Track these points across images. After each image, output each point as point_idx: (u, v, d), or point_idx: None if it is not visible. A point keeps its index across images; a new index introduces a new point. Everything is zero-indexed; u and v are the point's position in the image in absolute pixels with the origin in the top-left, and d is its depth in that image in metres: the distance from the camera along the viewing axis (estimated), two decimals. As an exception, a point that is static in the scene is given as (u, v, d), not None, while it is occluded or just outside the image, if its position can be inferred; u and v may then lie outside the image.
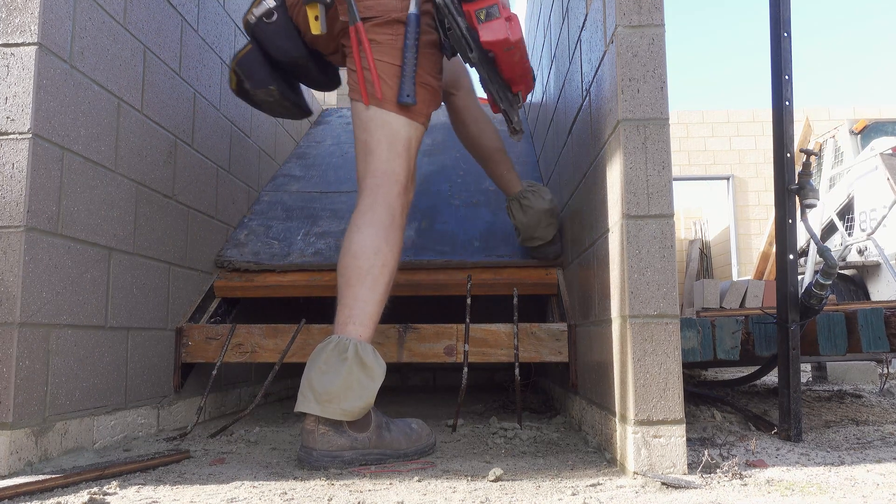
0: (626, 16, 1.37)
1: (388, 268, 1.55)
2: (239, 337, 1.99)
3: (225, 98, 2.40)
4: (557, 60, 2.35)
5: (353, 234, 1.55)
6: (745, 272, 9.06)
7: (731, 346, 1.83)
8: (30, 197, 1.41)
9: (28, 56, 1.44)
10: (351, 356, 1.44)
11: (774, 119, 1.70)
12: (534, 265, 2.24)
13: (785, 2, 1.68)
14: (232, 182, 2.46)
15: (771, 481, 1.20)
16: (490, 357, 1.94)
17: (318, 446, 1.41)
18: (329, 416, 1.41)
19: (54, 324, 1.48)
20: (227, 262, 2.28)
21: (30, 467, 1.37)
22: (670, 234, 1.33)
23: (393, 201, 1.59)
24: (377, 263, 1.52)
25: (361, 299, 1.50)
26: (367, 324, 1.50)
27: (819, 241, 1.77)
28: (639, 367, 1.28)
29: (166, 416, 1.93)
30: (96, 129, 1.63)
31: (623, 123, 1.35)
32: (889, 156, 5.57)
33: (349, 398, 1.42)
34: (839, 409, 2.24)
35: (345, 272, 1.53)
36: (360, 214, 1.57)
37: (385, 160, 1.61)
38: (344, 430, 1.43)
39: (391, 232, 1.57)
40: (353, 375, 1.43)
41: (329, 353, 1.45)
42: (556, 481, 1.25)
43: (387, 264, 1.54)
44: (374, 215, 1.56)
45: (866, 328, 1.75)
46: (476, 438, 1.76)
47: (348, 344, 1.46)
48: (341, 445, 1.42)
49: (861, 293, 5.67)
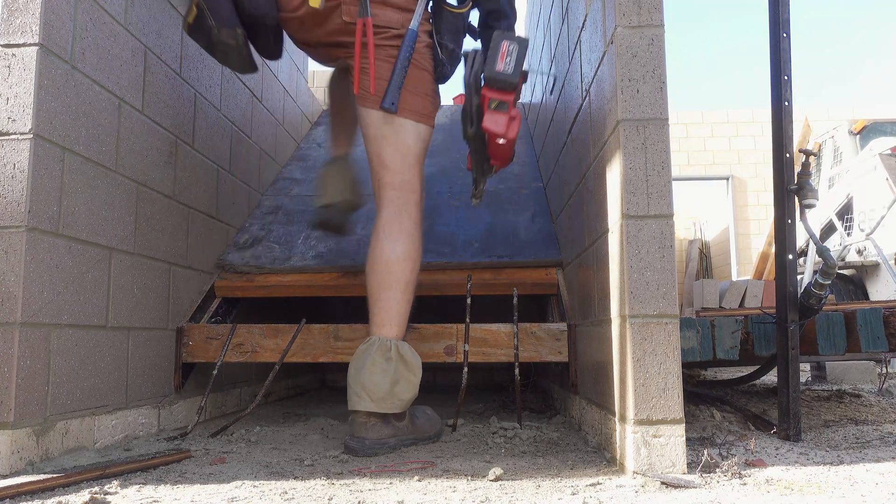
0: (625, 16, 1.38)
1: (415, 272, 1.70)
2: (239, 337, 2.00)
3: (226, 98, 2.41)
4: (557, 60, 2.35)
5: (384, 243, 1.67)
6: (745, 272, 9.06)
7: (730, 345, 1.83)
8: (31, 197, 1.41)
9: (29, 56, 1.44)
10: (395, 356, 1.60)
11: (774, 119, 1.71)
12: (534, 265, 2.24)
13: (784, 3, 1.69)
14: (232, 182, 2.47)
15: (770, 481, 1.20)
16: (490, 357, 1.94)
17: (370, 435, 1.58)
18: (384, 410, 1.58)
19: (55, 324, 1.48)
20: (229, 266, 2.28)
21: (31, 467, 1.38)
22: (670, 234, 1.33)
23: (413, 210, 1.71)
24: (407, 269, 1.66)
25: (395, 301, 1.65)
26: (402, 324, 1.66)
27: (818, 241, 1.78)
28: (638, 367, 1.29)
29: (167, 416, 1.94)
30: (97, 129, 1.64)
31: (623, 124, 1.35)
32: (888, 156, 5.57)
33: (399, 393, 1.59)
34: (838, 408, 2.24)
35: (379, 278, 1.66)
36: (388, 223, 1.68)
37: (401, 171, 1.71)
38: (389, 420, 1.61)
39: (416, 239, 1.70)
40: (399, 372, 1.60)
41: (374, 354, 1.59)
42: (555, 481, 1.26)
43: (415, 269, 1.69)
44: (400, 225, 1.68)
45: (865, 328, 1.76)
46: (476, 438, 1.76)
47: (391, 345, 1.61)
48: (388, 434, 1.60)
49: (860, 293, 5.68)
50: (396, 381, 1.59)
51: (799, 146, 6.85)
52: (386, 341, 1.61)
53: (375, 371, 1.58)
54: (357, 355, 1.63)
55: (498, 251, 2.31)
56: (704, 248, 10.50)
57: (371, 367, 1.58)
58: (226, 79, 2.41)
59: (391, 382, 1.58)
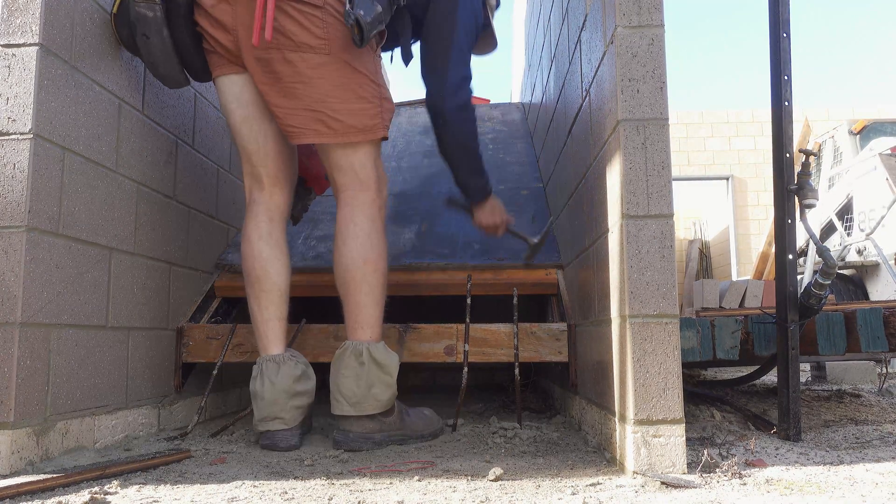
0: (625, 16, 1.38)
1: (378, 271, 1.66)
2: (239, 337, 2.00)
3: (225, 98, 2.41)
4: (557, 60, 2.35)
5: (340, 248, 1.66)
6: (745, 272, 9.06)
7: (730, 345, 1.83)
8: (31, 197, 1.41)
9: (29, 56, 1.44)
10: (367, 359, 1.62)
11: (774, 119, 1.71)
12: (534, 265, 2.24)
13: (784, 2, 1.69)
14: (232, 182, 2.47)
15: (770, 481, 1.20)
16: (490, 357, 1.94)
17: (355, 429, 1.61)
18: (362, 412, 1.61)
19: (55, 324, 1.48)
20: (229, 266, 2.28)
21: (31, 467, 1.38)
22: (670, 234, 1.33)
23: (369, 208, 1.67)
24: (368, 270, 1.64)
25: (363, 304, 1.65)
26: (374, 324, 1.66)
27: (818, 241, 1.78)
28: (638, 367, 1.29)
29: (167, 416, 1.94)
30: (97, 129, 1.64)
31: (623, 124, 1.35)
32: (888, 156, 5.56)
33: (377, 395, 1.62)
34: (838, 408, 2.24)
35: (342, 283, 1.66)
36: (344, 226, 1.66)
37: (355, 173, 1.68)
38: (374, 416, 1.63)
39: (374, 238, 1.66)
40: (373, 375, 1.62)
41: (347, 359, 1.62)
42: (555, 481, 1.26)
43: (377, 269, 1.66)
44: (355, 227, 1.65)
45: (865, 328, 1.76)
46: (476, 438, 1.76)
47: (362, 348, 1.63)
48: (373, 428, 1.63)
49: (860, 293, 5.68)
50: (371, 384, 1.61)
51: (799, 146, 6.85)
52: (358, 345, 1.63)
53: (349, 376, 1.61)
54: (334, 361, 1.65)
55: (498, 252, 2.31)
56: (704, 248, 10.50)
57: (345, 371, 1.61)
58: (226, 79, 2.41)
59: (366, 386, 1.61)
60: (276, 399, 1.64)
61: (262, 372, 1.67)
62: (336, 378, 1.63)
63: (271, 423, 1.64)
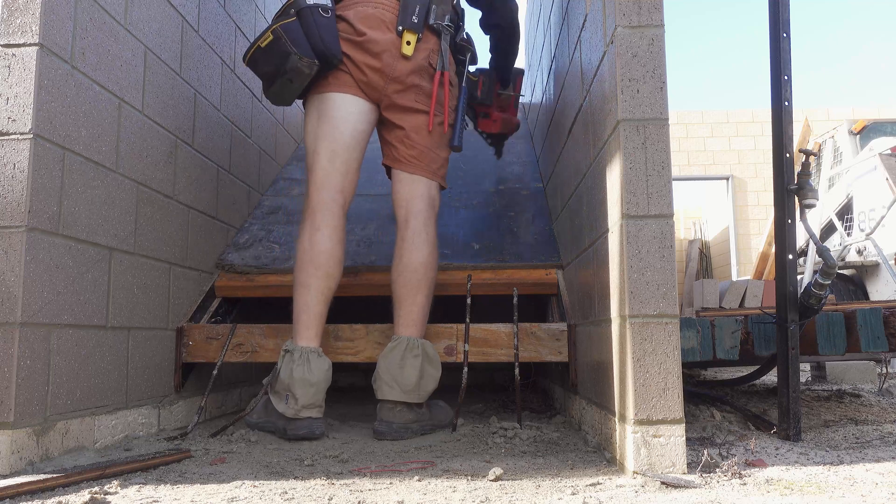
0: (625, 16, 1.38)
1: (435, 278, 1.93)
2: (239, 337, 2.00)
3: (225, 98, 2.41)
4: (557, 60, 2.35)
5: (412, 252, 1.88)
6: (745, 272, 9.06)
7: (730, 345, 1.83)
8: (31, 197, 1.41)
9: (29, 56, 1.44)
10: (421, 353, 1.83)
11: (774, 119, 1.71)
12: (534, 265, 2.24)
13: (784, 2, 1.69)
14: (232, 182, 2.47)
15: (770, 480, 1.20)
16: (490, 357, 1.94)
17: (398, 420, 1.79)
18: (412, 400, 1.79)
19: (55, 323, 1.48)
20: (229, 266, 2.28)
21: (31, 466, 1.38)
22: (670, 234, 1.33)
23: (433, 226, 1.95)
24: (430, 275, 1.90)
25: (419, 304, 1.86)
26: (425, 323, 1.89)
27: (818, 241, 1.78)
28: (638, 367, 1.29)
29: (167, 416, 1.94)
30: (97, 129, 1.64)
31: (623, 124, 1.35)
32: (888, 156, 5.56)
33: (424, 385, 1.82)
34: (838, 408, 2.24)
35: (407, 283, 1.86)
36: (415, 235, 1.89)
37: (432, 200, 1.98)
38: (413, 408, 1.81)
39: (435, 248, 1.93)
40: (424, 368, 1.82)
41: (404, 351, 1.82)
42: (555, 481, 1.26)
43: (436, 276, 1.93)
44: (427, 236, 1.90)
45: (865, 328, 1.76)
46: (476, 438, 1.76)
47: (418, 343, 1.84)
48: (411, 419, 1.81)
49: (860, 293, 5.67)
50: (422, 375, 1.81)
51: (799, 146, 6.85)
52: (414, 340, 1.84)
53: (406, 366, 1.80)
54: (387, 352, 1.83)
55: (498, 251, 2.31)
56: (704, 248, 10.50)
57: (411, 361, 1.80)
58: (226, 79, 2.41)
59: (418, 376, 1.80)
60: (322, 387, 1.77)
61: (308, 360, 1.77)
62: (390, 367, 1.79)
63: (313, 410, 1.75)
